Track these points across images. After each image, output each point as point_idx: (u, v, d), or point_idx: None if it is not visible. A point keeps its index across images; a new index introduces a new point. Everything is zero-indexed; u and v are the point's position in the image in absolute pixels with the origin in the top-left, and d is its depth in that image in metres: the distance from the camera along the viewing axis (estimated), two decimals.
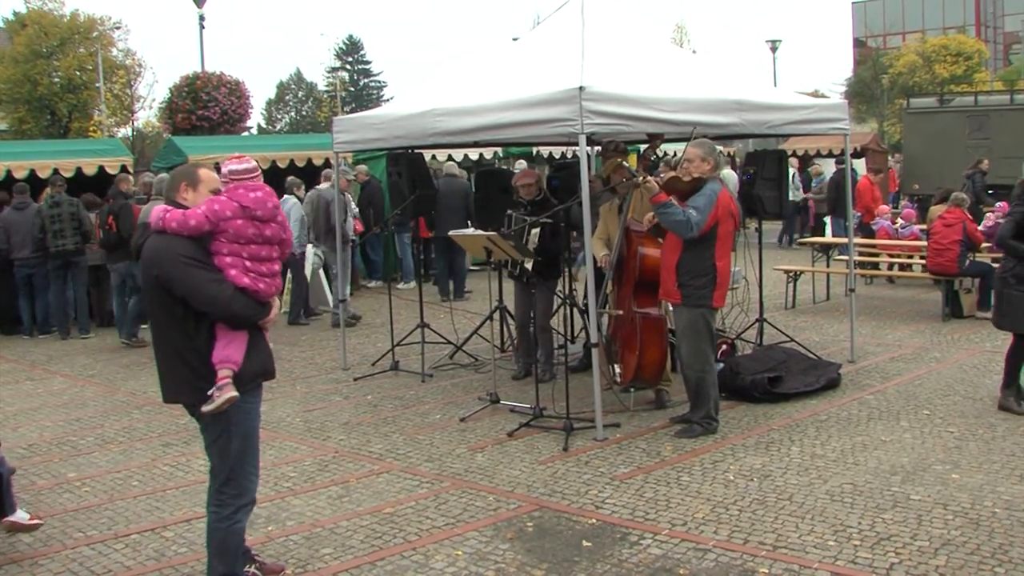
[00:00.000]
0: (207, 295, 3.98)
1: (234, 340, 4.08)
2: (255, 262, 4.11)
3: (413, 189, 9.04)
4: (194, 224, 4.02)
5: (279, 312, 4.28)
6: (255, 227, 4.11)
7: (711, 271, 6.60)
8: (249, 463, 4.23)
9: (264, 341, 4.26)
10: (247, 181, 4.18)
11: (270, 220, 4.16)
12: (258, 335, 4.20)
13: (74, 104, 30.53)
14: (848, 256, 9.63)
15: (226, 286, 4.01)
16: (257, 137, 34.51)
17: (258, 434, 4.26)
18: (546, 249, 7.99)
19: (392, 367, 9.33)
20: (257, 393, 4.25)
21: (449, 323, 10.93)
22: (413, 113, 7.94)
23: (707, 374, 6.76)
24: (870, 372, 8.63)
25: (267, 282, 4.13)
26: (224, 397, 4.04)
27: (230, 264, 4.06)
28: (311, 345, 11.10)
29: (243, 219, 4.09)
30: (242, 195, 4.13)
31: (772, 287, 13.39)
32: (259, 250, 4.13)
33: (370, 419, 7.66)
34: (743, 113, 7.54)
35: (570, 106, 6.54)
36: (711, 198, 6.53)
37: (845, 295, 11.74)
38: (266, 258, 4.15)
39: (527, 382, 8.45)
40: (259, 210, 4.12)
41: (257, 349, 4.17)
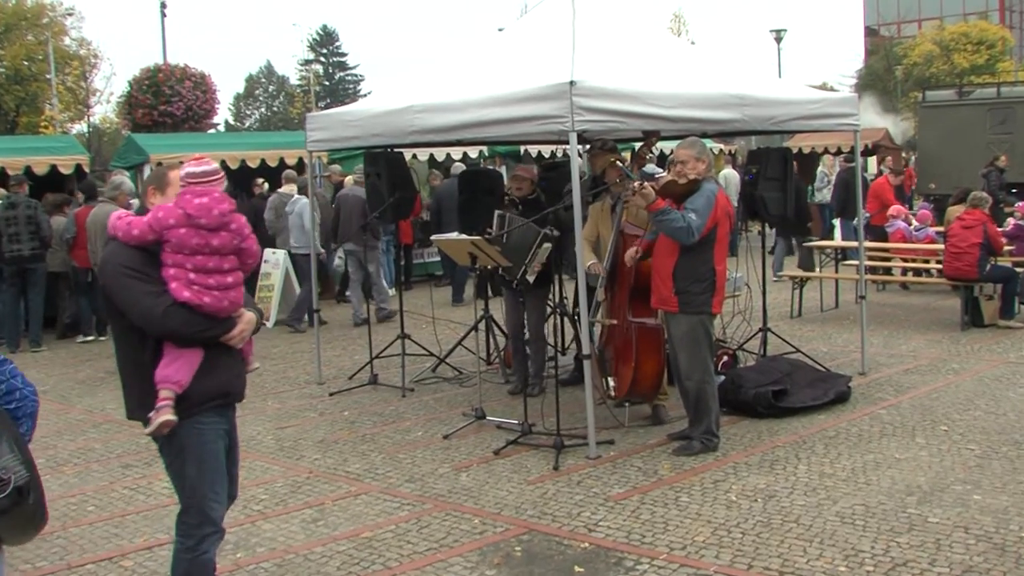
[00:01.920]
0: (140, 309, 3.94)
1: (180, 358, 4.02)
2: (200, 274, 4.04)
3: (392, 191, 9.07)
4: (136, 233, 3.99)
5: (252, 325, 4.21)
6: (200, 236, 4.04)
7: (710, 276, 6.67)
8: (209, 490, 4.15)
9: (232, 360, 4.20)
10: (204, 185, 4.12)
11: (218, 229, 4.09)
12: (220, 353, 4.13)
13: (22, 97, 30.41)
14: (858, 260, 9.69)
15: (162, 300, 3.94)
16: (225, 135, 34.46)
17: (220, 459, 4.18)
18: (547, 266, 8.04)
19: (370, 381, 9.36)
20: (221, 415, 4.19)
21: (431, 334, 10.96)
22: (392, 109, 7.99)
23: (707, 385, 6.81)
24: (883, 385, 8.68)
25: (214, 296, 4.04)
26: (159, 421, 3.96)
27: (172, 276, 4.01)
28: (284, 358, 11.13)
29: (187, 228, 4.02)
30: (187, 201, 4.06)
31: (776, 294, 13.47)
32: (205, 261, 4.05)
33: (347, 437, 7.68)
34: (745, 108, 7.59)
35: (560, 102, 6.58)
36: (710, 200, 6.60)
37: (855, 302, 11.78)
38: (214, 270, 4.08)
39: (515, 397, 8.49)
40: (203, 218, 4.04)
41: (218, 369, 4.11)
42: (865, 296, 9.33)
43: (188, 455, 4.10)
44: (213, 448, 4.17)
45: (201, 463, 4.12)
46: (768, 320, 9.81)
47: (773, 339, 9.74)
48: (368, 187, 9.65)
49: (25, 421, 3.59)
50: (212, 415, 4.14)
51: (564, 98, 6.55)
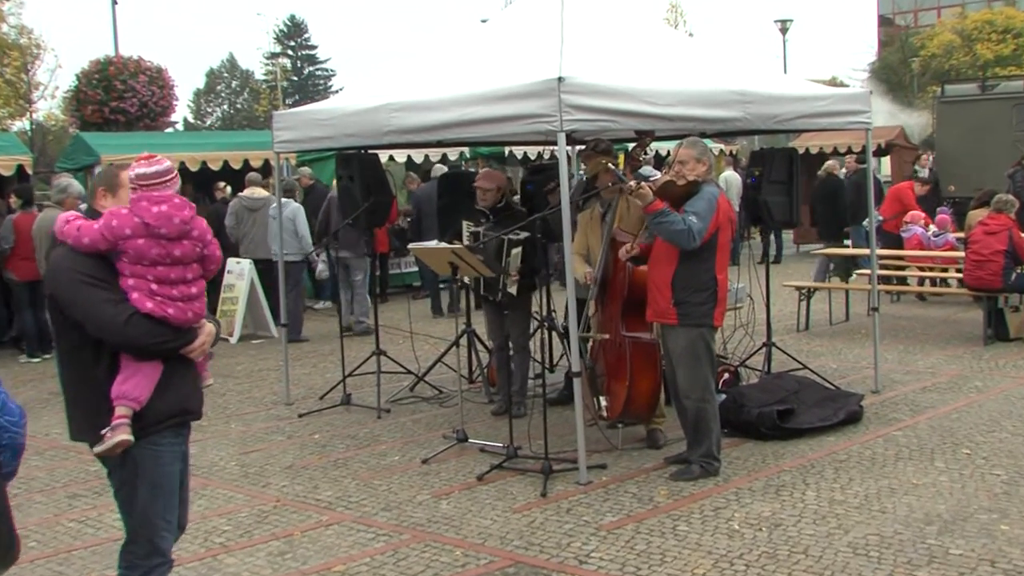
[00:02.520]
0: (101, 318, 3.95)
1: (138, 373, 4.04)
2: (163, 285, 4.06)
3: (367, 196, 9.11)
4: (88, 242, 4.00)
5: (213, 338, 4.26)
6: (160, 247, 4.06)
7: (711, 285, 6.72)
8: (160, 517, 4.17)
9: (190, 375, 4.23)
10: (158, 188, 4.13)
11: (180, 238, 4.12)
12: (180, 368, 4.16)
13: None
14: (870, 269, 9.74)
15: (124, 308, 3.97)
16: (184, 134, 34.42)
17: (175, 484, 4.21)
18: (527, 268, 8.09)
19: (343, 401, 9.39)
20: (178, 435, 4.22)
21: (409, 350, 11.00)
22: (366, 108, 8.04)
23: (707, 404, 6.85)
24: (898, 404, 8.74)
25: (179, 307, 4.08)
26: (114, 440, 3.98)
27: (133, 287, 4.03)
28: (248, 376, 11.15)
29: (145, 238, 4.04)
30: (144, 209, 4.07)
31: (782, 306, 13.55)
32: (167, 272, 4.08)
33: (317, 462, 7.71)
34: (747, 106, 7.66)
35: (547, 100, 6.63)
36: (711, 203, 6.65)
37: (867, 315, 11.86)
38: (178, 280, 4.11)
39: (499, 418, 8.54)
40: (163, 227, 4.06)
41: (175, 384, 4.14)
42: (878, 308, 9.38)
43: (142, 479, 4.10)
44: (169, 471, 4.18)
45: (155, 488, 4.13)
46: (773, 334, 9.83)
47: (778, 355, 9.76)
48: (340, 192, 9.70)
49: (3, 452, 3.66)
50: (169, 435, 4.16)
51: (552, 95, 6.60)
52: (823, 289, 13.30)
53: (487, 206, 8.56)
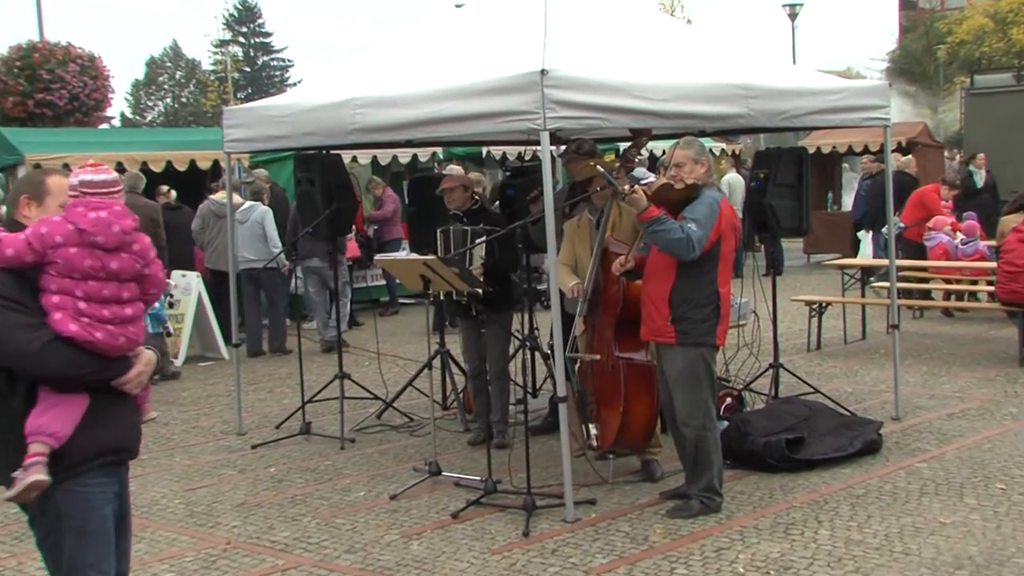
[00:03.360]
0: (11, 345, 3.85)
1: (59, 405, 3.95)
2: (93, 304, 3.99)
3: (328, 202, 9.14)
4: (11, 254, 3.92)
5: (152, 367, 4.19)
6: (95, 258, 4.00)
7: (713, 300, 6.76)
8: (91, 569, 4.08)
9: (123, 409, 4.15)
10: (102, 198, 4.09)
11: (118, 249, 4.06)
12: (112, 400, 4.09)
13: None
14: (889, 282, 9.82)
15: (40, 334, 3.87)
16: (121, 131, 34.39)
17: (108, 529, 4.14)
18: (494, 269, 8.15)
19: (302, 430, 9.40)
20: (111, 474, 4.14)
21: (375, 372, 11.02)
22: (328, 103, 8.08)
23: (708, 432, 6.88)
24: (922, 433, 8.78)
25: (108, 331, 3.99)
26: (27, 481, 3.87)
27: (57, 305, 3.94)
28: (195, 403, 11.15)
29: (78, 247, 3.98)
30: (79, 215, 4.01)
31: (791, 323, 13.63)
32: (100, 288, 4.01)
33: (273, 498, 7.73)
34: (751, 101, 7.73)
35: (529, 95, 6.68)
36: (712, 208, 6.68)
37: (886, 332, 12.00)
38: (111, 299, 4.04)
39: (477, 448, 8.59)
40: (100, 235, 4.00)
41: (106, 419, 4.05)
42: (899, 325, 9.46)
43: (67, 525, 4.02)
44: (100, 516, 4.09)
45: (83, 535, 4.05)
46: (780, 354, 9.85)
47: (786, 377, 9.82)
48: (299, 197, 9.72)
49: None
50: (99, 475, 4.07)
51: (534, 90, 6.65)
52: (836, 304, 13.34)
53: (457, 208, 8.64)
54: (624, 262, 7.14)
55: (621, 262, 7.16)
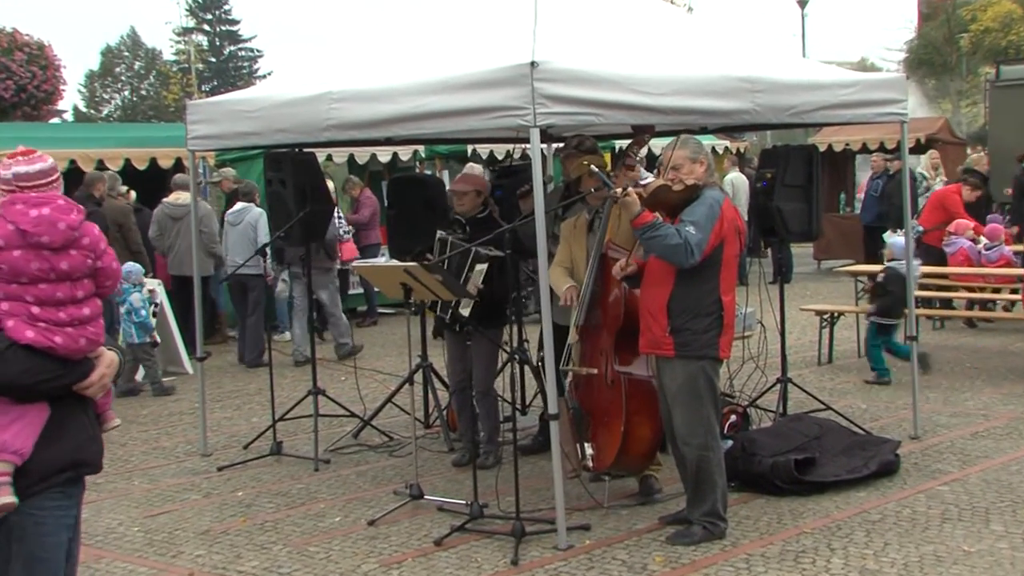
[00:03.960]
0: None
1: (20, 419, 3.94)
2: (47, 307, 3.98)
3: (302, 204, 9.14)
4: None
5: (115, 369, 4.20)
6: (42, 259, 3.99)
7: (715, 309, 6.77)
8: None
9: (84, 418, 4.14)
10: (39, 190, 4.08)
11: (66, 247, 4.04)
12: (73, 409, 4.08)
13: None
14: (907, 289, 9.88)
15: None
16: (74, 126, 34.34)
17: (58, 558, 4.11)
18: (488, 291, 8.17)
19: (273, 451, 9.42)
20: (68, 495, 4.11)
21: (352, 388, 11.03)
22: (301, 97, 8.11)
23: (711, 452, 6.88)
24: (943, 453, 8.79)
25: (68, 334, 4.00)
26: None
27: (7, 312, 3.94)
28: (156, 422, 11.16)
29: (22, 249, 3.97)
30: (19, 214, 3.99)
31: (800, 335, 13.69)
32: (52, 290, 4.00)
33: (241, 525, 7.73)
34: (758, 95, 7.77)
35: (517, 89, 6.71)
36: (713, 210, 6.69)
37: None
38: (66, 300, 4.03)
39: (461, 470, 8.61)
40: (45, 235, 3.98)
41: (67, 430, 4.04)
42: (917, 336, 9.50)
43: (19, 551, 3.99)
44: (54, 542, 4.06)
45: (33, 562, 4.01)
46: (789, 368, 9.92)
47: (796, 392, 9.86)
48: (269, 199, 9.72)
49: None
50: (57, 496, 4.05)
51: (523, 84, 6.67)
52: (849, 314, 13.37)
53: (464, 213, 8.65)
54: (624, 266, 7.14)
55: (622, 265, 7.15)
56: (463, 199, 8.65)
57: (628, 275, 7.16)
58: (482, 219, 8.62)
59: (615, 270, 7.22)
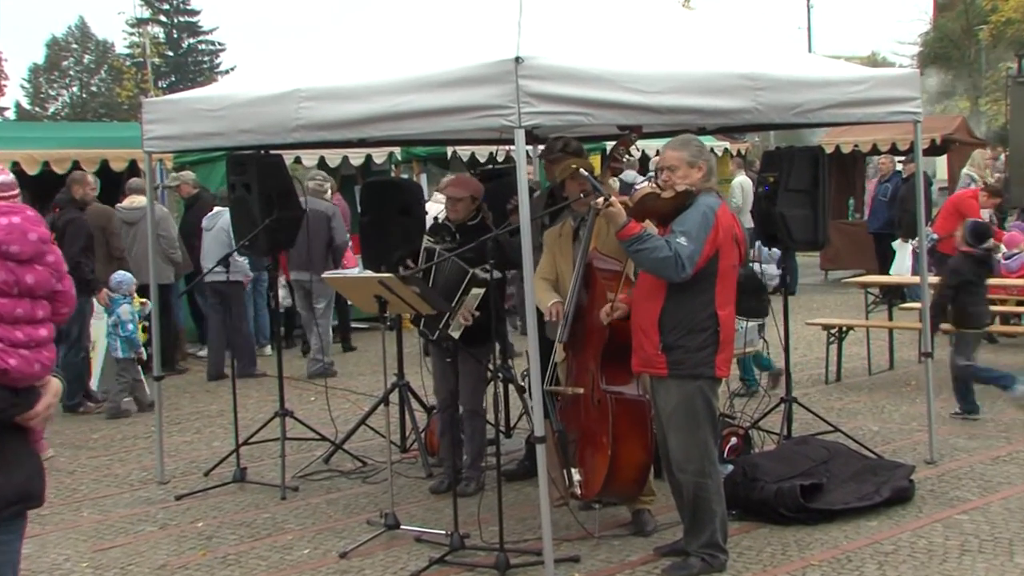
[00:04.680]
0: None
1: None
2: (5, 324, 3.99)
3: (269, 210, 9.13)
4: None
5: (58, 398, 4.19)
6: (7, 271, 4.01)
7: (710, 324, 6.76)
8: None
9: (26, 449, 4.13)
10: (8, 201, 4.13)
11: (33, 260, 4.07)
12: (16, 439, 4.07)
13: None
14: (921, 302, 9.92)
15: None
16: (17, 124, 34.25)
17: None
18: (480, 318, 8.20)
19: (236, 478, 9.40)
20: (10, 531, 4.12)
21: (323, 409, 11.04)
22: (268, 95, 8.14)
23: (709, 479, 6.89)
24: (961, 479, 8.81)
25: (23, 357, 3.99)
26: None
27: None
28: (107, 447, 11.13)
29: None
30: None
31: (805, 351, 13.74)
32: (13, 306, 4.02)
33: (201, 559, 7.74)
34: (760, 93, 7.81)
35: (501, 86, 6.73)
36: (707, 218, 6.67)
37: (918, 361, 12.08)
38: (24, 319, 4.03)
39: (441, 498, 8.63)
40: (14, 244, 4.01)
41: (13, 462, 4.03)
42: (932, 352, 9.49)
43: None
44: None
45: None
46: (794, 387, 9.92)
47: (801, 413, 9.88)
48: (233, 204, 9.71)
49: None
50: (5, 531, 4.07)
51: (507, 81, 6.69)
52: (859, 328, 13.40)
53: (456, 220, 8.67)
54: (609, 312, 7.14)
55: (607, 312, 7.15)
56: (457, 205, 8.66)
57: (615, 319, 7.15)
58: (473, 227, 8.61)
59: (601, 315, 7.21)
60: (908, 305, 14.27)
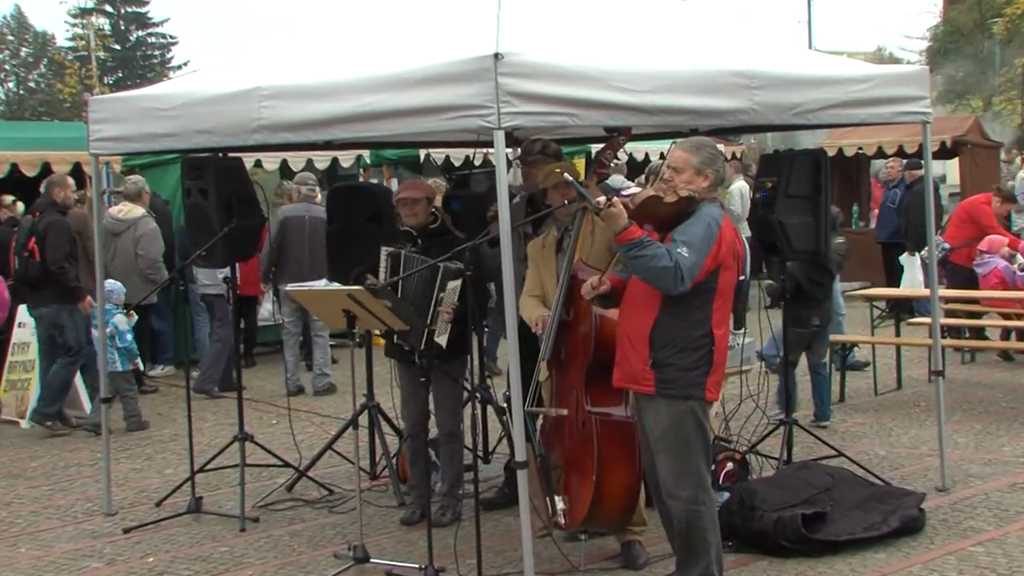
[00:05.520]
0: None
1: None
2: None
3: (227, 217, 9.13)
4: None
5: None
6: None
7: (705, 344, 6.75)
8: None
9: None
10: None
11: None
12: None
13: None
14: (931, 316, 9.93)
15: None
16: None
17: None
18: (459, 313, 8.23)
19: (191, 508, 9.38)
20: None
21: (286, 432, 11.04)
22: (226, 93, 8.15)
23: (702, 507, 6.87)
24: (976, 508, 8.84)
25: None
26: None
27: None
28: (48, 476, 11.09)
29: None
30: None
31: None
32: None
33: None
34: (756, 92, 7.85)
35: (479, 84, 6.76)
36: (710, 230, 6.67)
37: (928, 381, 12.17)
38: None
39: (414, 528, 8.65)
40: None
41: None
42: (944, 371, 9.55)
43: None
44: None
45: None
46: (795, 407, 9.99)
47: (802, 436, 9.94)
48: (188, 211, 9.70)
49: None
50: None
51: (486, 79, 6.72)
52: (864, 345, 13.44)
53: (416, 225, 8.69)
54: (596, 284, 7.10)
55: (593, 284, 7.11)
56: (416, 208, 8.66)
57: (600, 294, 7.14)
58: (435, 230, 8.68)
59: (585, 288, 7.18)
60: (917, 320, 14.25)
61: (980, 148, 22.42)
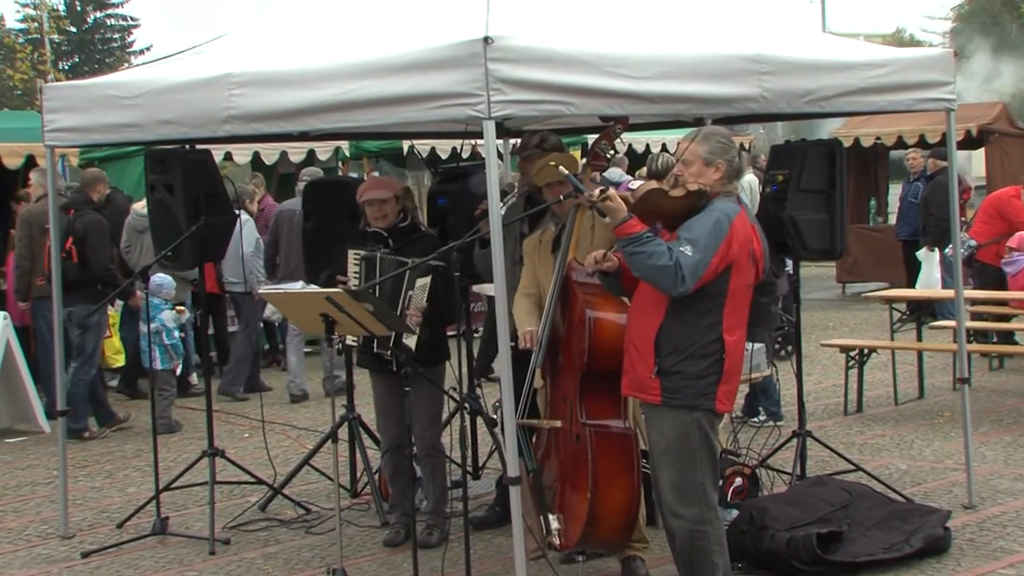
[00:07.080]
0: None
1: None
2: None
3: (195, 214, 9.12)
4: None
5: None
6: None
7: (715, 350, 6.73)
8: None
9: None
10: None
11: None
12: None
13: None
14: (956, 320, 9.96)
15: None
16: None
17: None
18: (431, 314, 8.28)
19: (156, 529, 9.34)
20: None
21: (259, 446, 11.05)
22: (194, 80, 8.16)
23: (708, 526, 6.86)
24: (1006, 527, 8.82)
25: None
26: None
27: None
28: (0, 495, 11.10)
29: None
30: None
31: (821, 377, 13.82)
32: None
33: None
34: (766, 78, 7.86)
35: (468, 71, 6.78)
36: (719, 225, 6.64)
37: (953, 389, 12.20)
38: None
39: (398, 550, 8.66)
40: None
41: None
42: (970, 379, 9.57)
43: None
44: None
45: None
46: (808, 419, 9.95)
47: (817, 449, 9.95)
48: (153, 208, 9.67)
49: None
50: None
51: (475, 64, 6.74)
52: (883, 350, 13.43)
53: (385, 226, 8.68)
54: (600, 258, 7.02)
55: (596, 257, 7.04)
56: (384, 208, 8.63)
57: (604, 271, 7.07)
58: (405, 229, 8.69)
59: (588, 260, 7.12)
60: (940, 324, 14.22)
61: (1009, 137, 22.15)
